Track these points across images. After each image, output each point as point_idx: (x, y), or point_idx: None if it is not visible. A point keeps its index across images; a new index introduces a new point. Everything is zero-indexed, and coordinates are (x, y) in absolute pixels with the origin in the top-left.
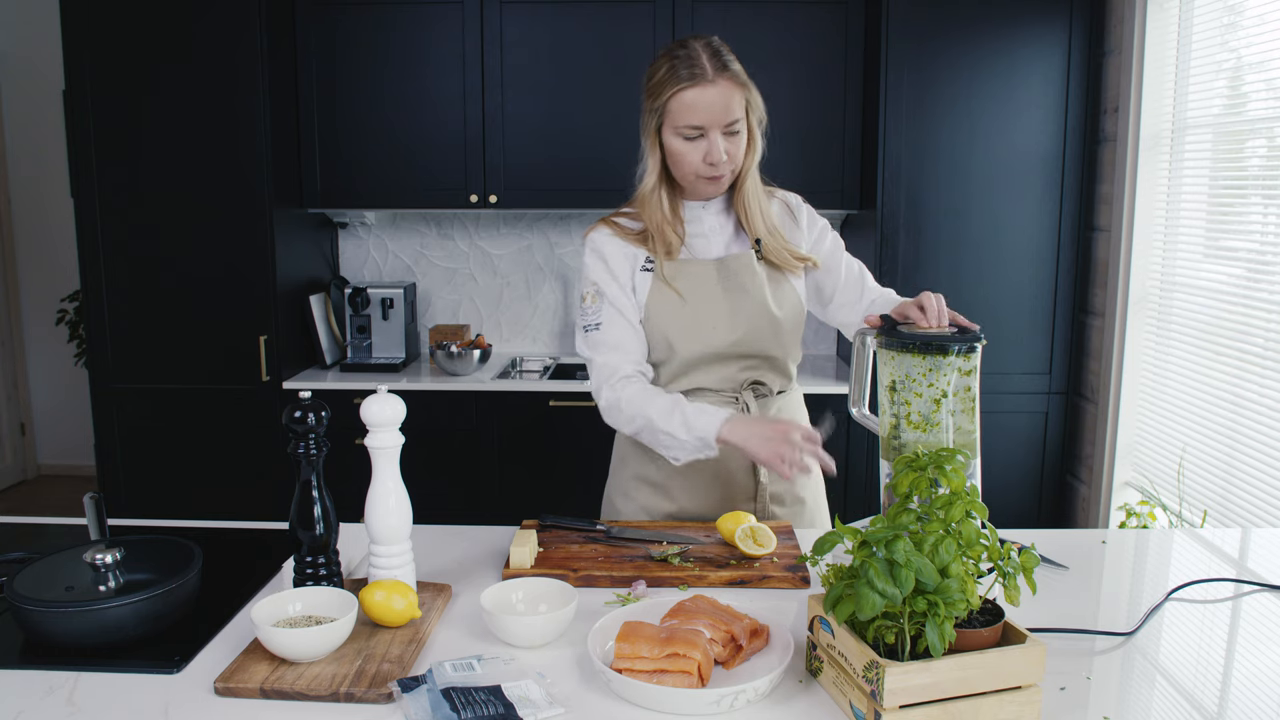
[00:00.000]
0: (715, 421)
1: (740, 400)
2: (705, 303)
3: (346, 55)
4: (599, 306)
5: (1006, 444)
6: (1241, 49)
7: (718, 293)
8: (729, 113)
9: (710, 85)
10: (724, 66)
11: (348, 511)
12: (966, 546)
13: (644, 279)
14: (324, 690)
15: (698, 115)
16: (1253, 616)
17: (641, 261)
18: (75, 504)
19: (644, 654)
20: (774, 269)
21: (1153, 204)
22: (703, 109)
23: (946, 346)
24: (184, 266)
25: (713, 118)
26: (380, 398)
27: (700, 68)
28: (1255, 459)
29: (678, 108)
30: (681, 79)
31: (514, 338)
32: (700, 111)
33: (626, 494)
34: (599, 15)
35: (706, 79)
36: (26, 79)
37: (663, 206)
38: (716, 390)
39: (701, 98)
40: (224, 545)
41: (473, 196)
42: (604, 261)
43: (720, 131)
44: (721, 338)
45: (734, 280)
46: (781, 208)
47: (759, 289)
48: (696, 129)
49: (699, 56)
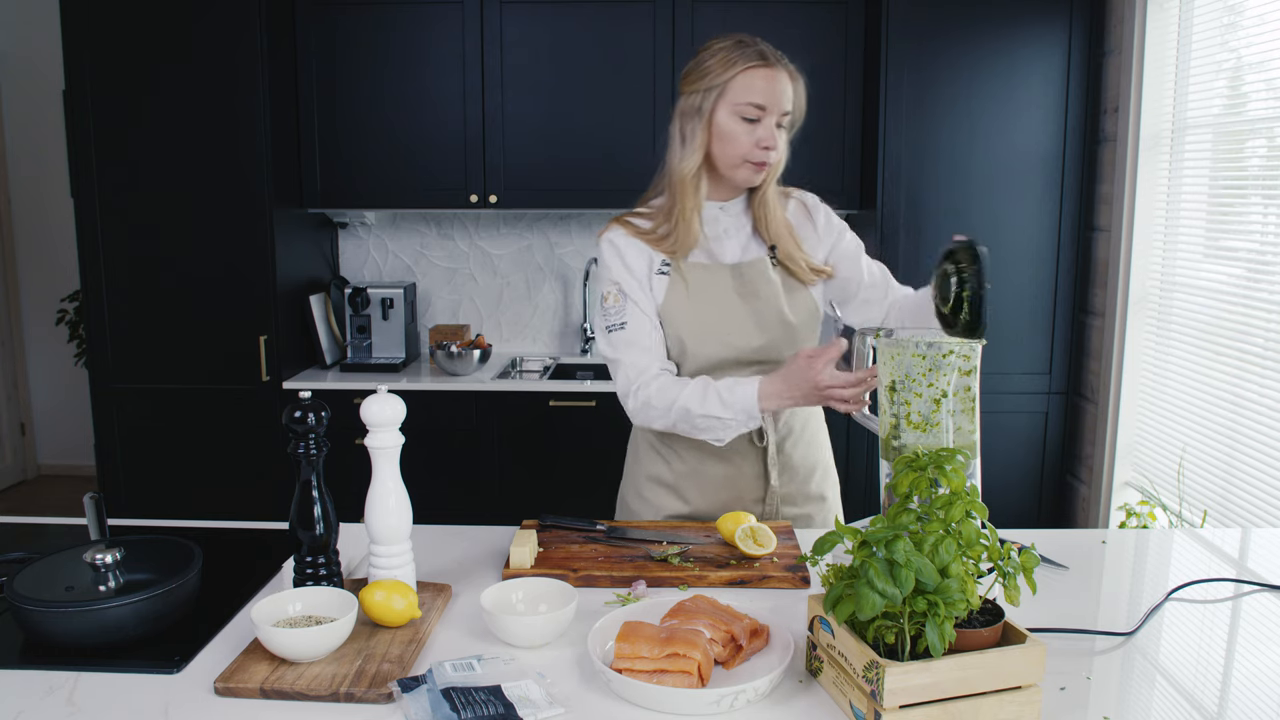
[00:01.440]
0: (751, 391)
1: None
2: (721, 307)
3: (346, 55)
4: (622, 305)
5: (1006, 444)
6: (1241, 49)
7: (733, 298)
8: (786, 100)
9: (774, 69)
10: (782, 58)
11: (348, 511)
12: (966, 546)
13: (660, 281)
14: (324, 690)
15: (762, 94)
16: (1253, 616)
17: (658, 265)
18: (75, 504)
19: (644, 654)
20: (789, 273)
21: (1153, 204)
22: (766, 89)
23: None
24: (184, 266)
25: (774, 101)
26: (380, 398)
27: (765, 52)
28: (1255, 459)
29: (743, 86)
30: (751, 58)
31: (514, 338)
32: (764, 91)
33: (640, 494)
34: (599, 15)
35: (770, 63)
36: (26, 79)
37: (699, 193)
38: None
39: (767, 79)
40: (224, 545)
41: (473, 196)
42: (622, 259)
43: (775, 119)
44: (736, 342)
45: (749, 285)
46: (798, 208)
47: (774, 295)
48: (759, 108)
49: (759, 43)
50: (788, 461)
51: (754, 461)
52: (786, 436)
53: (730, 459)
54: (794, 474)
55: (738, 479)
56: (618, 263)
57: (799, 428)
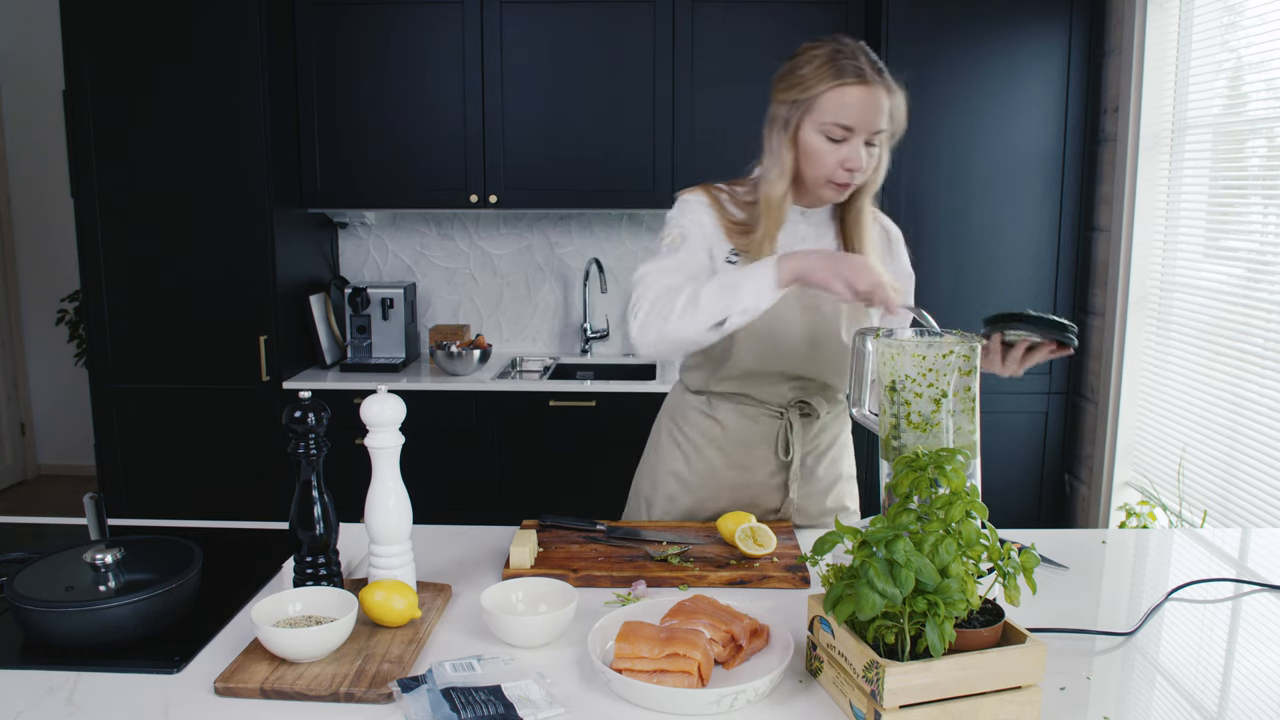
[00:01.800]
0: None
1: (785, 417)
2: (779, 317)
3: (346, 55)
4: (678, 247)
5: (1006, 444)
6: (1241, 49)
7: (795, 309)
8: (878, 121)
9: (869, 87)
10: (881, 72)
11: (348, 511)
12: (966, 546)
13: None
14: (324, 690)
15: (850, 115)
16: (1253, 616)
17: (726, 253)
18: (75, 504)
19: (644, 654)
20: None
21: (1153, 204)
22: (857, 110)
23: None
24: (184, 266)
25: (864, 122)
26: (380, 398)
27: (862, 67)
28: (1255, 459)
29: (831, 104)
30: (846, 73)
31: (514, 338)
32: (854, 112)
33: (655, 485)
34: (599, 15)
35: (866, 80)
36: (26, 79)
37: (784, 209)
38: (762, 402)
39: (859, 98)
40: (224, 545)
41: (473, 196)
42: (696, 222)
43: (864, 138)
44: (785, 355)
45: (813, 301)
46: (881, 235)
47: (835, 315)
48: (846, 129)
49: (858, 56)
50: (809, 475)
51: (775, 472)
52: (810, 453)
53: (750, 467)
54: (814, 487)
55: (755, 486)
56: (691, 223)
57: (826, 444)
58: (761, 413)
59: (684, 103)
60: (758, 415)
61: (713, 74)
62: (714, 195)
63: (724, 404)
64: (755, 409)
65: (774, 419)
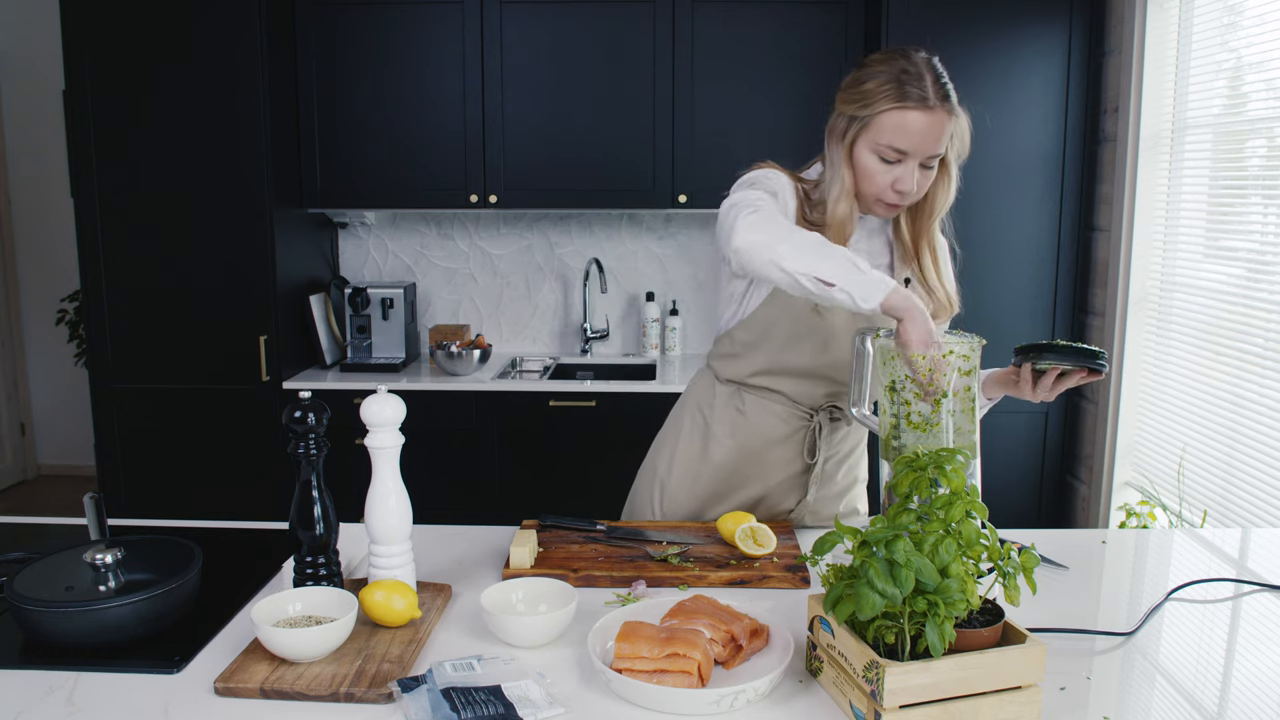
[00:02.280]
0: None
1: (815, 419)
2: (825, 322)
3: (346, 55)
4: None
5: (1006, 444)
6: (1241, 49)
7: (844, 315)
8: (936, 146)
9: (930, 113)
10: (946, 96)
11: (348, 511)
12: (966, 546)
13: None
14: (324, 690)
15: (907, 140)
16: (1253, 616)
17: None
18: (75, 504)
19: (644, 654)
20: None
21: (1153, 204)
22: (915, 135)
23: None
24: (184, 266)
25: (921, 147)
26: (380, 398)
27: (925, 91)
28: (1255, 459)
29: (888, 126)
30: (908, 97)
31: (514, 338)
32: (912, 137)
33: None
34: (599, 15)
35: (929, 105)
36: (26, 79)
37: (851, 225)
38: (793, 400)
39: (918, 124)
40: (224, 545)
41: (473, 196)
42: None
43: (919, 161)
44: (823, 361)
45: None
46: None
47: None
48: (900, 153)
49: (925, 77)
50: (828, 479)
51: (796, 473)
52: (831, 457)
53: (769, 465)
54: (829, 491)
55: (772, 485)
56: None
57: (847, 450)
58: (792, 413)
59: (684, 103)
60: (787, 415)
61: (713, 74)
62: (797, 181)
63: (753, 398)
64: (786, 408)
65: (803, 420)
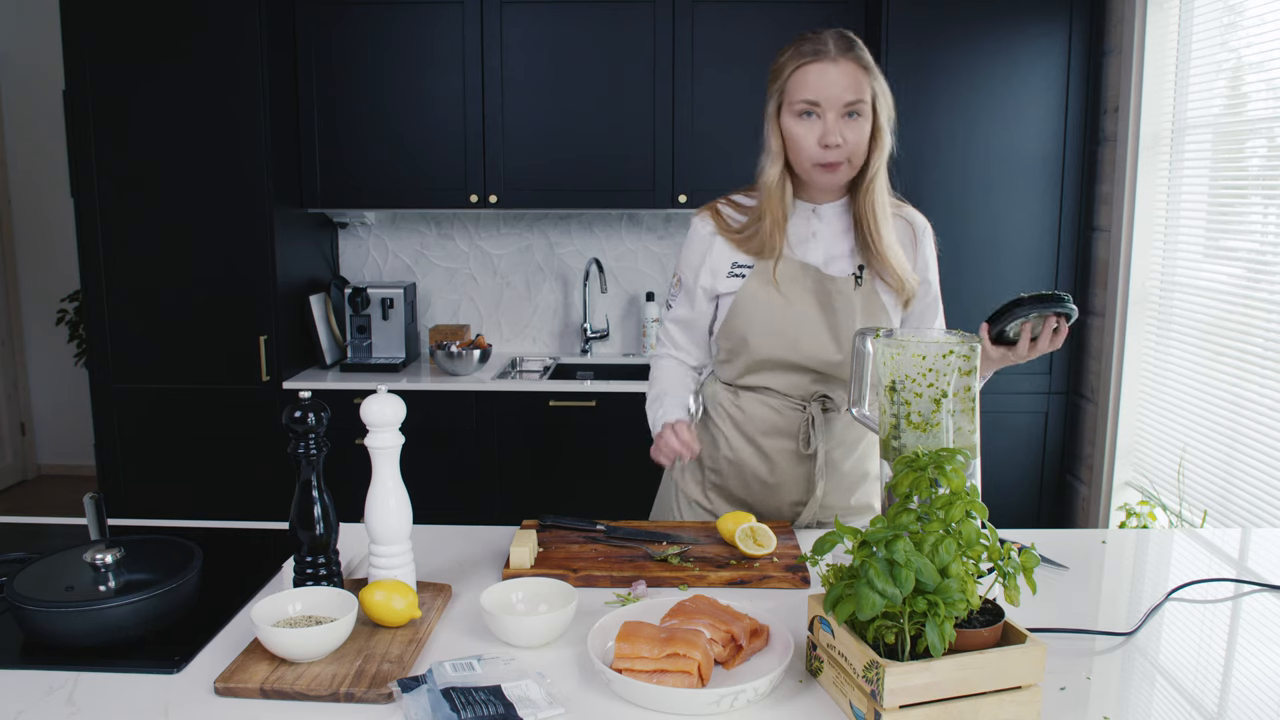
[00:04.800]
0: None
1: (808, 410)
2: (796, 309)
3: (346, 55)
4: (678, 293)
5: (1006, 444)
6: (1241, 49)
7: (810, 302)
8: (848, 92)
9: (831, 63)
10: (849, 47)
11: (348, 511)
12: (966, 546)
13: (730, 284)
14: (324, 690)
15: (814, 90)
16: (1253, 616)
17: (729, 267)
18: (75, 504)
19: (644, 654)
20: (872, 294)
21: (1153, 204)
22: (819, 84)
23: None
24: (184, 266)
25: (829, 95)
26: (380, 398)
27: (825, 45)
28: (1255, 459)
29: (796, 83)
30: (804, 54)
31: (514, 338)
32: (815, 86)
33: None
34: (599, 15)
35: (829, 56)
36: (26, 79)
37: (784, 200)
38: (785, 395)
39: (821, 74)
40: (224, 545)
41: (473, 196)
42: (692, 255)
43: (838, 114)
44: (805, 349)
45: (827, 297)
46: (905, 228)
47: (850, 315)
48: (811, 104)
49: (825, 37)
50: (835, 471)
51: (800, 466)
52: (837, 447)
53: (775, 460)
54: (839, 483)
55: (780, 481)
56: (689, 256)
57: (852, 439)
58: (785, 405)
59: (684, 103)
60: (781, 408)
61: (713, 74)
62: (717, 212)
63: (749, 395)
64: (779, 400)
65: (796, 412)
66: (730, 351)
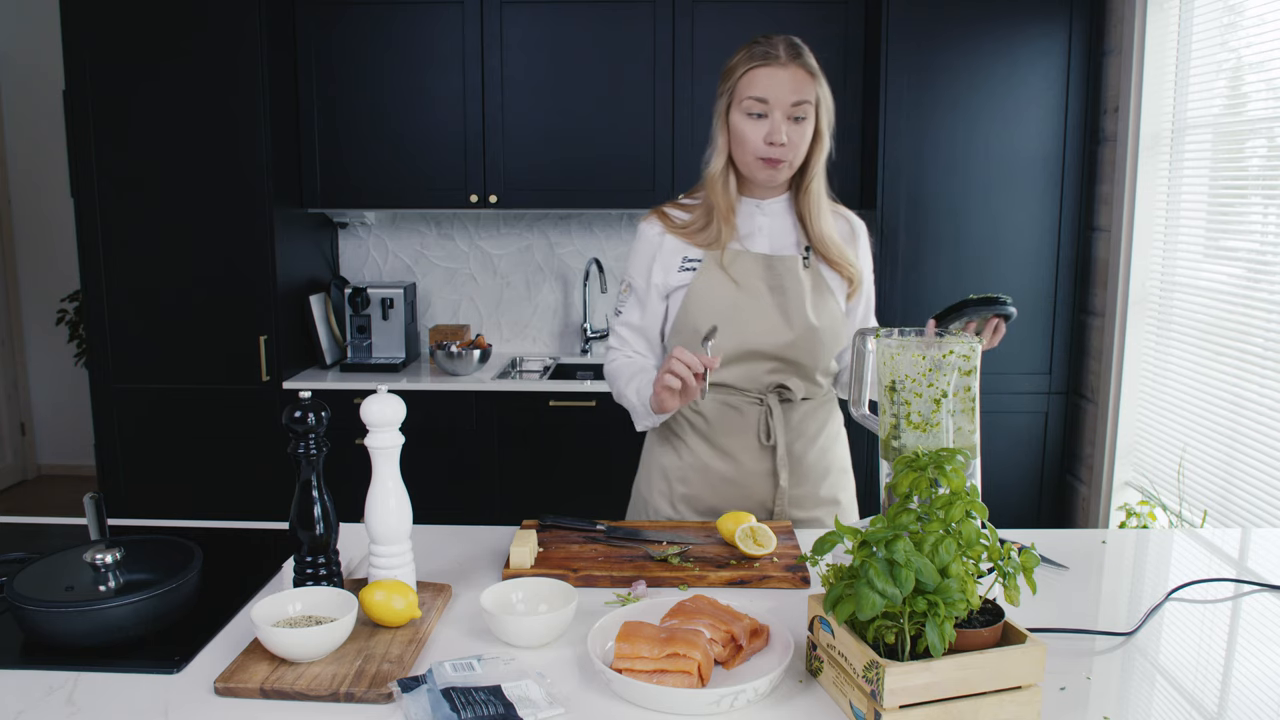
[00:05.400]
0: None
1: (765, 403)
2: (746, 296)
3: (346, 55)
4: (627, 298)
5: (1006, 444)
6: (1241, 49)
7: (761, 287)
8: (795, 94)
9: (781, 67)
10: (798, 54)
11: (348, 511)
12: (966, 546)
13: (682, 277)
14: (324, 690)
15: (764, 90)
16: (1253, 616)
17: (680, 261)
18: (75, 504)
19: (644, 654)
20: (819, 277)
21: (1153, 204)
22: (770, 86)
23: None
24: (184, 266)
25: (778, 96)
26: (380, 398)
27: (776, 50)
28: (1255, 459)
29: (747, 83)
30: (755, 57)
31: (514, 338)
32: (765, 88)
33: (651, 483)
34: (599, 15)
35: (779, 61)
36: (26, 79)
37: (729, 192)
38: (742, 390)
39: (771, 76)
40: (224, 545)
41: (473, 196)
42: (642, 257)
43: (784, 114)
44: (757, 334)
45: (777, 279)
46: (844, 225)
47: (799, 295)
48: (761, 102)
49: (776, 42)
50: (798, 463)
51: (763, 461)
52: (797, 439)
53: (738, 457)
54: (805, 476)
55: (745, 477)
56: (637, 261)
57: (814, 430)
58: (742, 400)
59: (684, 102)
60: (739, 403)
61: (713, 74)
62: (663, 214)
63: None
64: (736, 397)
65: (754, 405)
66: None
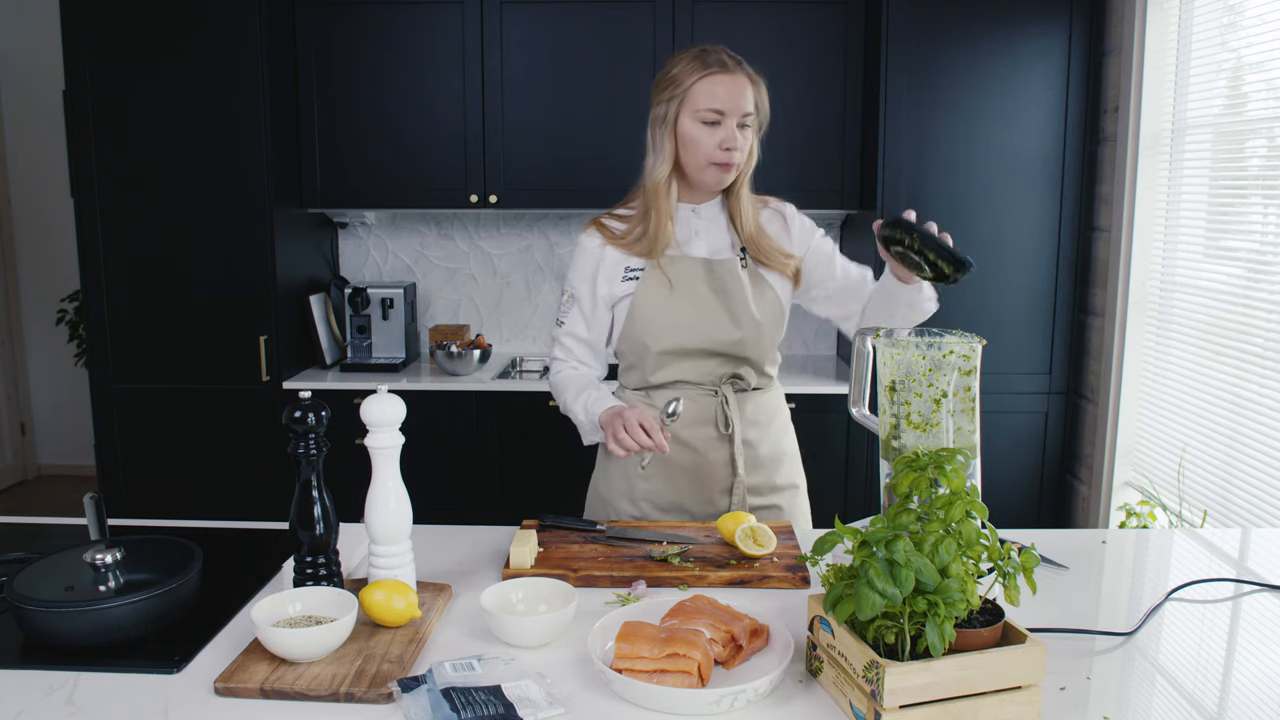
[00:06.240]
0: (601, 407)
1: (720, 393)
2: (691, 299)
3: (346, 55)
4: (570, 308)
5: (1006, 444)
6: (1241, 49)
7: (704, 290)
8: (746, 103)
9: (732, 76)
10: (740, 63)
11: (348, 511)
12: (966, 546)
13: (626, 287)
14: (324, 690)
15: (720, 100)
16: (1253, 616)
17: (622, 271)
18: (75, 504)
19: (644, 654)
20: (757, 274)
21: (1153, 204)
22: (725, 95)
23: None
24: (184, 266)
25: (733, 105)
26: (380, 398)
27: (724, 59)
28: (1255, 459)
29: (701, 92)
30: (709, 65)
31: (514, 338)
32: (723, 97)
33: (608, 481)
34: (599, 15)
35: (729, 70)
36: (26, 79)
37: (670, 198)
38: (697, 383)
39: (725, 85)
40: (224, 545)
41: (473, 196)
42: (584, 267)
43: (737, 121)
44: (703, 334)
45: (719, 281)
46: (774, 215)
47: (741, 291)
48: (717, 113)
49: (720, 52)
50: (754, 452)
51: (721, 451)
52: (750, 427)
53: (696, 448)
54: (760, 465)
55: (704, 468)
56: (578, 271)
57: (765, 420)
58: (699, 392)
59: None
60: (696, 396)
61: None
62: (602, 226)
63: (662, 394)
64: (693, 390)
65: (710, 397)
66: (635, 354)
